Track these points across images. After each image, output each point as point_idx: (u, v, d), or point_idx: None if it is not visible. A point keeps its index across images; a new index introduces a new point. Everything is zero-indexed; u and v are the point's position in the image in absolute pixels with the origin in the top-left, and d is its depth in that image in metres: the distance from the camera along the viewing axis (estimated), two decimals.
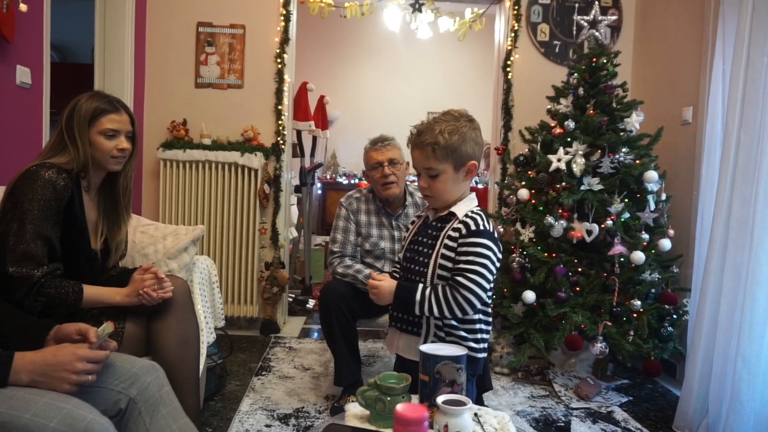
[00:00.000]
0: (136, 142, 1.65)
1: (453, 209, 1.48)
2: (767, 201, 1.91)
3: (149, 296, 1.52)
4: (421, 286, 1.44)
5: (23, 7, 2.06)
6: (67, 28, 4.74)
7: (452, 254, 1.44)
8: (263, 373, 2.64)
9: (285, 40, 3.32)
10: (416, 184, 2.64)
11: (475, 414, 1.21)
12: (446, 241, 1.45)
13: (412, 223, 1.67)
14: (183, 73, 3.33)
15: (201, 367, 1.73)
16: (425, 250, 1.50)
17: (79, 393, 1.13)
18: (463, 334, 1.46)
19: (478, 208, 1.50)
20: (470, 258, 1.40)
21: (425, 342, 1.45)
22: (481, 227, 1.43)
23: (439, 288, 1.41)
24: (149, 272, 1.56)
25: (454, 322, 1.45)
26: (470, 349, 1.44)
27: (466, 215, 1.46)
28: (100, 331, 1.22)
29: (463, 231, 1.44)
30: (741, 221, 1.98)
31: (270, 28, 3.32)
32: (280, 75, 3.33)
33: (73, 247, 1.53)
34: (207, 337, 1.95)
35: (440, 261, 1.45)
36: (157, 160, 3.25)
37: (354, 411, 1.24)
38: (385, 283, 1.48)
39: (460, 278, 1.40)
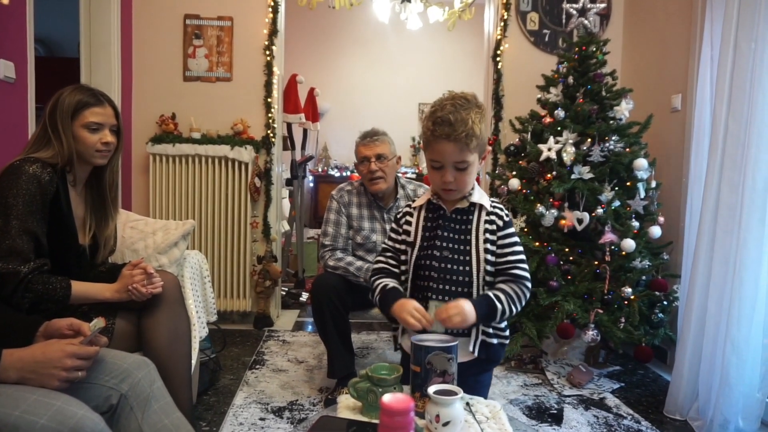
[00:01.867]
0: (121, 136, 1.62)
1: (475, 200, 1.43)
2: (755, 187, 1.92)
3: (138, 292, 1.51)
4: (493, 293, 1.38)
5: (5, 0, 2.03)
6: (52, 22, 4.68)
7: (493, 248, 1.41)
8: (257, 366, 2.64)
9: (273, 32, 3.29)
10: (407, 176, 2.64)
11: (467, 403, 1.21)
12: (486, 235, 1.41)
13: (402, 217, 1.52)
14: (171, 67, 3.29)
15: (193, 361, 1.73)
16: (460, 246, 1.41)
17: (70, 389, 1.13)
18: (502, 325, 1.46)
19: None
20: (515, 249, 1.42)
21: (475, 343, 1.41)
22: (510, 216, 1.47)
23: (508, 288, 1.39)
24: (138, 267, 1.55)
25: None
26: (504, 337, 1.48)
27: (492, 206, 1.44)
28: (92, 326, 1.21)
29: (500, 223, 1.43)
30: (729, 207, 1.99)
31: (258, 19, 3.29)
32: (269, 67, 3.30)
33: (60, 242, 1.52)
34: (199, 331, 1.95)
35: (486, 256, 1.40)
36: (146, 155, 3.22)
37: (346, 402, 1.24)
38: (464, 305, 1.31)
39: (518, 271, 1.41)
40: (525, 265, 1.42)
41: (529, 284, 1.41)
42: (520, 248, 1.43)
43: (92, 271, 1.64)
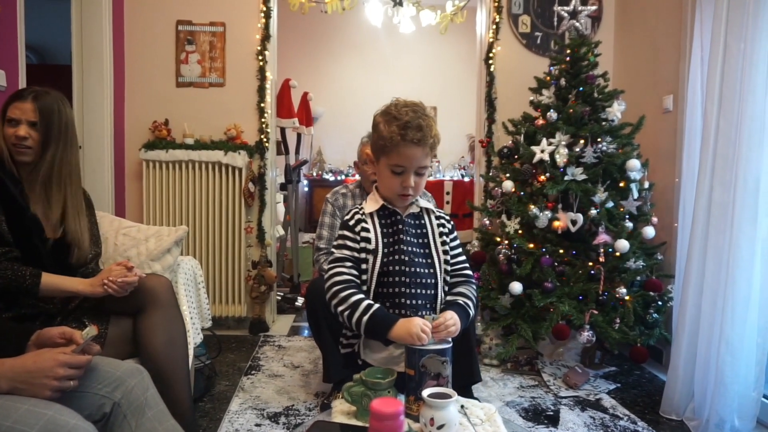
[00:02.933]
0: (51, 133, 1.56)
1: (423, 204, 1.51)
2: (746, 186, 1.93)
3: (114, 285, 1.49)
4: (463, 301, 1.45)
5: None
6: (44, 29, 4.67)
7: (447, 248, 1.50)
8: (252, 372, 2.63)
9: (266, 37, 3.29)
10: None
11: (462, 406, 1.21)
12: (443, 238, 1.49)
13: (356, 224, 1.46)
14: (163, 73, 3.29)
15: (189, 366, 1.72)
16: (421, 250, 1.47)
17: (62, 398, 1.12)
18: None
19: None
20: (461, 250, 1.53)
21: None
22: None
23: (468, 292, 1.47)
24: (119, 264, 1.55)
25: None
26: None
27: (437, 210, 1.55)
28: (84, 334, 1.20)
29: (449, 226, 1.52)
30: (721, 207, 2.00)
31: (250, 25, 3.29)
32: (262, 72, 3.30)
33: (24, 235, 1.51)
34: (194, 337, 1.94)
35: (445, 257, 1.49)
36: (139, 161, 3.21)
37: (341, 407, 1.24)
38: (455, 316, 1.34)
39: (468, 271, 1.52)
40: (468, 264, 1.54)
41: (475, 281, 1.54)
42: (461, 249, 1.56)
43: (76, 273, 1.63)
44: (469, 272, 1.52)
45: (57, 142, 1.58)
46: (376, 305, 1.36)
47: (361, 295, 1.38)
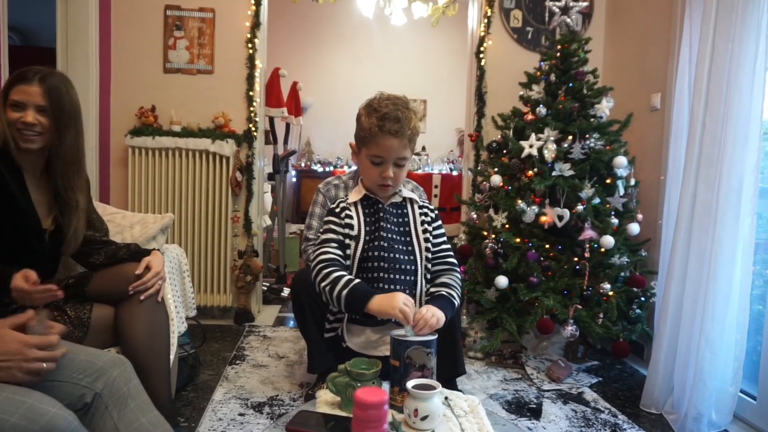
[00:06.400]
0: (62, 119, 1.48)
1: (406, 195, 1.54)
2: (730, 185, 1.95)
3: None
4: (446, 292, 1.45)
5: None
6: (28, 10, 4.58)
7: (428, 236, 1.52)
8: (237, 362, 2.62)
9: (256, 25, 3.25)
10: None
11: (446, 398, 1.22)
12: (425, 226, 1.51)
13: (342, 211, 1.50)
14: (151, 58, 3.24)
15: (172, 357, 1.71)
16: (402, 238, 1.49)
17: (43, 387, 1.10)
18: None
19: None
20: (445, 239, 1.55)
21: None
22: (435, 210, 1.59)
23: (451, 282, 1.49)
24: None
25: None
26: None
27: (421, 200, 1.57)
28: (36, 313, 1.15)
29: (432, 215, 1.55)
30: (705, 205, 2.03)
31: (240, 11, 3.25)
32: (251, 60, 3.27)
33: (22, 225, 1.47)
34: (178, 326, 1.92)
35: (426, 245, 1.51)
36: (125, 148, 3.17)
37: (325, 397, 1.24)
38: (435, 310, 1.32)
39: (451, 259, 1.53)
40: (452, 252, 1.56)
41: (459, 269, 1.55)
42: (446, 237, 1.58)
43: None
44: (453, 260, 1.53)
45: (71, 128, 1.50)
46: (357, 280, 1.40)
47: (344, 272, 1.41)
